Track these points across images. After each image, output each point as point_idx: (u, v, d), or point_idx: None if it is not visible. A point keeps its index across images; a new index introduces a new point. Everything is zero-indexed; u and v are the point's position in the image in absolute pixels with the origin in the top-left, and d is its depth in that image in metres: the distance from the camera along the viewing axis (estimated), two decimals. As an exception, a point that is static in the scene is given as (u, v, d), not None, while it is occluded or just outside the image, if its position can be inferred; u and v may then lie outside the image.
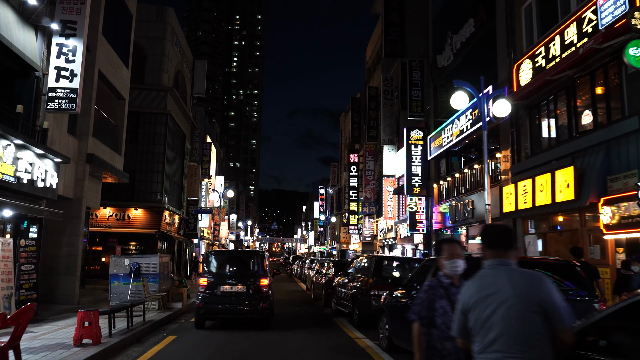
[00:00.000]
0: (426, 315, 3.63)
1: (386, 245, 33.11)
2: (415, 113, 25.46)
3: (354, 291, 11.88)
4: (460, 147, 21.90)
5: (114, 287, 13.25)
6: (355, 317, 11.67)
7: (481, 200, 18.42)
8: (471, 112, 18.89)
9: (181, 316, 13.35)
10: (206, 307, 11.19)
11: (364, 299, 11.19)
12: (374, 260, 11.47)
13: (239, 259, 12.96)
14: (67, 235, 16.03)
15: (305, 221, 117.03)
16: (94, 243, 25.46)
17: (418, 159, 24.74)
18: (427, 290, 3.68)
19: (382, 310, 8.89)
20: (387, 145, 30.94)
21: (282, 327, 11.72)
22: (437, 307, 3.59)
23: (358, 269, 12.82)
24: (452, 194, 21.84)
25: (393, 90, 31.48)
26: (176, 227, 30.04)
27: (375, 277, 11.12)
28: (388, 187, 30.54)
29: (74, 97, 13.21)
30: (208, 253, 12.80)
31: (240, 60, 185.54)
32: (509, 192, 14.85)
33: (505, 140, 16.77)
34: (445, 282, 3.68)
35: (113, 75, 18.66)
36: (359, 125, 43.30)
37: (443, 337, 3.53)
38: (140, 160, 26.39)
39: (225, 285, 11.44)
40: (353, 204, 42.48)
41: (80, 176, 16.41)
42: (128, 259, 13.34)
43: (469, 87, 10.92)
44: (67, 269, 15.79)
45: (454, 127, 20.72)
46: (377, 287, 10.92)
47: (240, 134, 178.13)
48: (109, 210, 25.31)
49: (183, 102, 30.40)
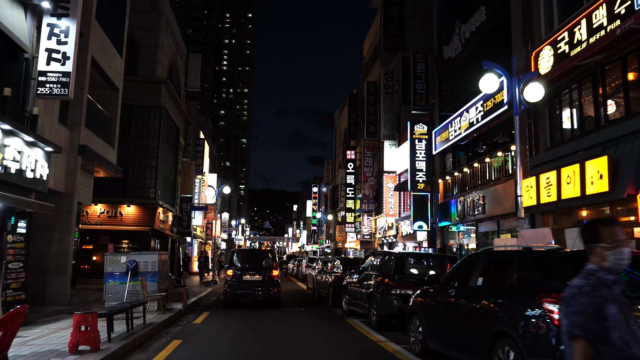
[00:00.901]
0: (593, 329, 2.58)
1: (385, 244, 32.29)
2: (419, 106, 24.67)
3: (371, 290, 11.01)
4: (467, 142, 21.14)
5: (110, 286, 12.28)
6: (374, 319, 10.80)
7: (493, 195, 17.66)
8: (482, 103, 18.12)
9: (182, 318, 12.41)
10: (232, 292, 15.01)
11: (384, 299, 10.32)
12: (396, 257, 10.61)
13: (256, 256, 16.77)
14: (58, 231, 15.04)
15: (297, 220, 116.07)
16: (84, 241, 24.35)
17: (422, 153, 23.95)
18: (590, 293, 2.62)
19: (413, 311, 8.02)
20: (388, 140, 30.12)
21: (296, 330, 10.83)
22: (607, 315, 2.57)
23: (374, 266, 11.94)
24: (460, 189, 21.05)
25: (394, 84, 30.67)
26: (170, 225, 29.02)
27: (398, 275, 10.25)
28: (389, 183, 29.72)
29: (66, 81, 12.22)
30: (233, 250, 17.02)
31: (231, 59, 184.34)
32: (529, 186, 14.06)
33: (521, 132, 15.96)
34: (609, 280, 2.66)
35: (106, 63, 17.66)
36: (355, 121, 42.46)
37: (622, 358, 2.55)
38: (133, 155, 25.35)
39: (247, 275, 15.31)
40: (350, 202, 41.63)
41: (71, 169, 15.41)
42: (124, 257, 12.37)
43: (499, 69, 10.09)
44: (58, 267, 14.80)
45: (463, 120, 19.93)
46: (400, 285, 10.07)
47: (231, 133, 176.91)
48: (100, 207, 24.26)
49: (177, 96, 29.37)
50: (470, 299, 6.36)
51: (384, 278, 10.80)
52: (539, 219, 14.43)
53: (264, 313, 13.58)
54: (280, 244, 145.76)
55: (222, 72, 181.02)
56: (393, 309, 10.02)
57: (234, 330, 10.49)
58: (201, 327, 10.79)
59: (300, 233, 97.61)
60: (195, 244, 42.18)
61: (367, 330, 10.57)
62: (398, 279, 10.13)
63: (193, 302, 15.44)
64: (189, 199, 33.46)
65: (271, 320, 12.13)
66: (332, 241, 55.21)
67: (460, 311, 6.51)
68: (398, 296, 10.00)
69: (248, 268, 15.60)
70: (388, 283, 10.37)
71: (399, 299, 9.97)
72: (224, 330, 10.35)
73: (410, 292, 10.08)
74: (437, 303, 7.21)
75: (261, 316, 12.95)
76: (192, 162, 34.86)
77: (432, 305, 7.37)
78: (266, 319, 12.45)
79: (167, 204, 27.74)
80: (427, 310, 7.46)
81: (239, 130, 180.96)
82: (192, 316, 12.68)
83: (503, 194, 16.90)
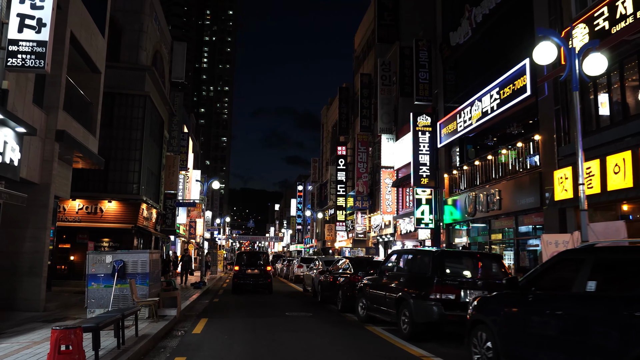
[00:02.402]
0: None
1: (381, 242, 30.88)
2: (422, 97, 23.30)
3: (401, 294, 9.50)
4: (475, 135, 19.83)
5: (93, 290, 10.56)
6: (405, 327, 9.29)
7: (512, 189, 16.32)
8: (498, 90, 16.78)
9: (178, 326, 10.74)
10: (238, 281, 20.86)
11: (420, 305, 8.82)
12: (433, 256, 9.09)
13: (254, 256, 22.57)
14: (32, 227, 13.26)
15: (280, 219, 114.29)
16: (61, 239, 22.43)
17: (426, 147, 22.56)
18: None
19: (476, 322, 6.54)
20: (385, 134, 28.70)
21: (315, 342, 9.26)
22: None
23: (401, 267, 10.42)
24: (471, 184, 19.68)
25: (391, 76, 29.27)
26: (153, 222, 27.17)
27: (438, 276, 8.74)
28: (386, 179, 28.29)
29: (41, 52, 10.47)
30: (239, 253, 23.23)
31: (211, 56, 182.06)
32: (563, 177, 12.71)
33: (547, 120, 14.65)
34: None
35: (87, 42, 15.89)
36: (346, 116, 41.02)
37: None
38: (115, 147, 23.48)
39: (248, 269, 21.15)
40: (341, 199, 40.15)
41: (47, 157, 13.63)
42: (110, 256, 10.67)
43: (555, 37, 8.66)
44: (31, 268, 13.02)
45: (474, 110, 18.58)
46: (441, 289, 8.58)
47: (211, 131, 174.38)
48: (78, 203, 22.35)
49: (162, 85, 27.54)
50: (583, 309, 4.90)
51: (417, 280, 9.31)
52: (571, 214, 13.08)
53: (271, 320, 11.98)
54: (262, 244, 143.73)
55: (202, 70, 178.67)
56: (432, 317, 8.53)
57: (242, 342, 8.90)
58: (203, 338, 9.16)
59: (284, 232, 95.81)
60: (178, 243, 40.28)
61: (398, 341, 9.07)
62: (438, 282, 8.63)
63: (185, 307, 13.77)
64: (173, 195, 31.62)
65: (282, 328, 10.55)
66: (319, 240, 53.66)
67: (567, 326, 5.05)
68: (438, 301, 8.51)
69: (249, 265, 21.59)
70: (425, 286, 8.87)
71: (439, 305, 8.48)
72: (230, 343, 8.73)
73: (452, 297, 8.62)
74: (521, 314, 5.73)
75: (269, 323, 11.36)
76: (176, 156, 33.03)
77: (511, 315, 5.89)
78: (275, 326, 10.86)
79: (151, 199, 25.92)
80: (502, 322, 5.98)
81: (219, 129, 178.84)
82: (189, 324, 11.03)
83: (524, 188, 15.57)
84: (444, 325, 8.62)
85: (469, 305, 6.91)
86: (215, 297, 18.61)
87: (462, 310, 8.48)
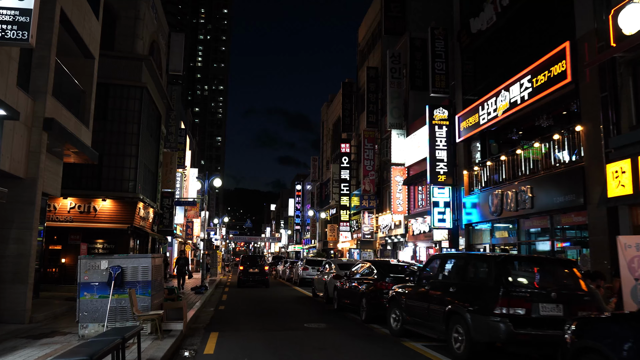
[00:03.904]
0: None
1: (389, 244, 29.41)
2: (438, 89, 21.85)
3: (452, 307, 8.00)
4: (497, 128, 18.44)
5: (85, 302, 9.02)
6: (458, 346, 7.81)
7: (545, 186, 14.90)
8: (530, 78, 15.36)
9: (186, 344, 9.20)
10: (243, 278, 26.57)
11: (480, 321, 7.34)
12: (497, 262, 7.59)
13: (255, 258, 29.03)
14: (16, 228, 11.69)
15: (276, 219, 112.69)
16: (51, 241, 20.91)
17: (443, 141, 21.14)
18: None
19: (583, 350, 5.04)
20: (396, 129, 27.22)
21: None
22: None
23: (446, 274, 8.93)
24: (496, 181, 18.24)
25: (401, 68, 27.82)
26: (150, 222, 25.61)
27: (503, 286, 7.26)
28: (397, 176, 26.82)
29: (25, 22, 8.91)
30: (243, 256, 29.28)
31: (205, 55, 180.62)
32: (619, 171, 11.28)
33: (591, 109, 13.22)
34: None
35: (80, 23, 14.34)
36: (350, 112, 39.54)
37: None
38: (109, 141, 21.89)
39: (250, 269, 26.75)
40: (344, 199, 38.61)
41: (34, 148, 12.08)
42: (106, 262, 9.12)
43: None
44: (15, 274, 11.47)
45: (500, 100, 17.17)
46: (508, 302, 7.09)
47: (205, 131, 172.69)
48: (70, 201, 20.76)
49: (159, 76, 25.97)
50: None
51: (474, 290, 7.82)
52: (625, 212, 11.64)
53: (291, 335, 10.44)
54: (258, 244, 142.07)
55: (196, 69, 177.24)
56: (498, 336, 7.04)
57: None
58: (217, 361, 7.64)
59: (282, 233, 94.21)
60: (175, 244, 38.66)
61: (448, 362, 7.61)
62: (505, 293, 7.15)
63: (190, 319, 12.24)
64: (171, 194, 30.03)
65: (308, 347, 9.00)
66: (319, 241, 52.16)
67: None
68: (505, 317, 7.03)
69: (251, 265, 27.17)
70: (486, 298, 7.40)
71: (506, 322, 7.00)
72: None
73: (522, 312, 7.13)
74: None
75: (289, 339, 9.83)
76: (174, 153, 31.40)
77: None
78: (299, 344, 9.31)
79: (148, 198, 24.33)
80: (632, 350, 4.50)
81: (213, 128, 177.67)
82: (198, 341, 9.50)
83: (561, 184, 14.14)
84: (512, 345, 7.15)
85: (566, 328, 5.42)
86: (220, 303, 17.08)
87: (534, 328, 7.02)
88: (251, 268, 26.74)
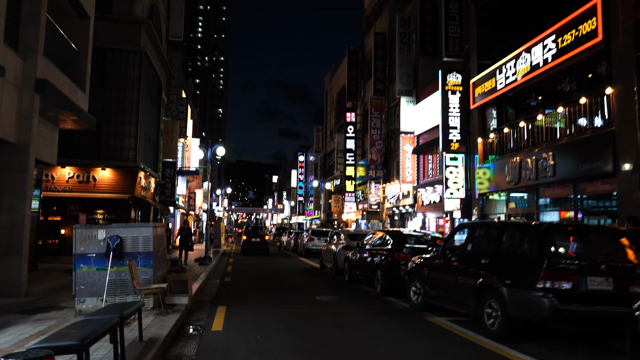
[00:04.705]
0: None
1: (397, 214, 28.73)
2: (452, 53, 20.85)
3: (485, 280, 7.21)
4: (514, 94, 17.55)
5: (82, 274, 8.33)
6: (490, 323, 7.10)
7: (569, 153, 14.09)
8: (555, 38, 14.39)
9: (192, 319, 8.53)
10: (247, 247, 29.23)
11: (519, 296, 6.58)
12: (538, 231, 6.65)
13: (257, 228, 32.04)
14: (8, 196, 10.96)
15: (279, 191, 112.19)
16: (50, 211, 20.26)
17: (456, 108, 20.23)
18: None
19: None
20: (405, 97, 26.26)
21: (376, 344, 7.09)
22: None
23: (477, 244, 8.13)
24: (511, 148, 17.41)
25: (410, 33, 26.70)
26: (152, 193, 24.89)
27: (548, 258, 6.44)
28: (406, 145, 25.97)
29: (9, -34, 8.02)
30: (246, 227, 33.54)
31: (206, 26, 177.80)
32: (657, 134, 10.43)
33: (624, 70, 12.31)
34: None
35: (73, -23, 13.34)
36: (356, 80, 38.42)
37: None
38: (108, 109, 21.01)
39: (252, 238, 29.54)
40: (350, 169, 37.80)
41: (26, 111, 11.26)
42: (104, 231, 8.39)
43: None
44: (9, 246, 10.79)
45: (521, 63, 16.22)
46: (553, 275, 6.32)
47: (206, 103, 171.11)
48: (69, 171, 20.01)
49: (159, 41, 24.92)
50: None
51: (512, 262, 7.07)
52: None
53: (303, 309, 9.72)
54: (260, 216, 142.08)
55: (196, 40, 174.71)
56: (542, 312, 6.30)
57: (283, 346, 6.65)
58: (229, 341, 6.92)
59: (284, 204, 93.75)
60: (177, 215, 38.06)
61: (486, 342, 6.91)
62: (550, 265, 6.41)
63: (195, 291, 11.59)
64: (172, 164, 29.22)
65: (324, 323, 8.24)
66: (323, 212, 51.55)
67: None
68: (548, 292, 6.30)
69: (253, 235, 30.02)
70: (527, 270, 6.66)
71: (550, 297, 6.28)
72: (268, 350, 6.49)
73: (569, 286, 6.40)
74: None
75: (303, 314, 9.12)
76: (175, 122, 30.51)
77: None
78: (314, 319, 8.58)
79: (149, 167, 23.55)
80: None
81: (214, 100, 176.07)
82: (204, 316, 8.83)
83: (588, 151, 13.32)
84: (555, 323, 6.44)
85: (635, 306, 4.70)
86: (226, 275, 16.47)
87: (582, 304, 6.29)
88: (253, 238, 29.74)
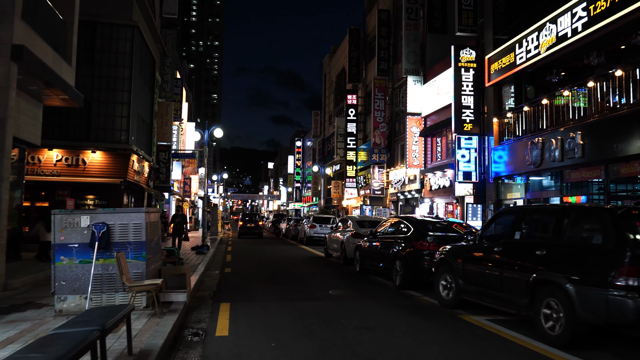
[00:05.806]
0: None
1: (402, 200, 27.57)
2: (465, 27, 19.59)
3: (536, 276, 6.07)
4: (534, 70, 16.34)
5: (63, 268, 7.11)
6: (550, 326, 5.97)
7: (599, 132, 12.91)
8: (586, 5, 13.13)
9: (191, 321, 7.32)
10: (243, 231, 33.89)
11: (593, 296, 5.43)
12: (614, 217, 5.44)
13: (252, 215, 36.18)
14: (-19, 178, 9.70)
15: (275, 177, 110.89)
16: (38, 197, 19.01)
17: (470, 86, 18.99)
18: None
19: None
20: (412, 75, 24.97)
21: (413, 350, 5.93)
22: None
23: (525, 233, 6.96)
24: (532, 128, 16.22)
25: (417, 9, 25.34)
26: (145, 177, 23.62)
27: (632, 250, 5.28)
28: (413, 127, 24.74)
29: None
30: (243, 214, 39.13)
31: (200, 9, 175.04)
32: None
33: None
34: None
35: None
36: (357, 61, 37.04)
37: None
38: (98, 87, 19.68)
39: (248, 224, 34.37)
40: (351, 153, 36.56)
41: (1, 82, 9.97)
42: (87, 217, 7.16)
43: None
44: (-18, 234, 9.55)
45: (545, 35, 14.96)
46: (637, 271, 5.18)
47: (201, 88, 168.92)
48: (56, 153, 18.71)
49: (152, 17, 23.49)
50: None
51: (579, 255, 5.90)
52: None
53: (318, 305, 8.51)
54: (256, 202, 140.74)
55: (190, 24, 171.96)
56: (624, 315, 5.12)
57: (305, 356, 5.51)
58: (238, 349, 5.70)
59: (280, 191, 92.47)
60: (172, 202, 36.81)
61: (548, 350, 5.75)
62: (633, 258, 5.23)
63: (201, 282, 10.44)
64: (167, 147, 27.92)
65: (347, 323, 7.10)
66: (322, 198, 50.40)
67: None
68: (632, 290, 5.16)
69: (249, 221, 34.40)
70: (600, 265, 5.50)
71: (636, 297, 5.13)
72: None
73: (654, 283, 5.23)
74: None
75: (319, 312, 7.89)
76: (169, 104, 29.12)
77: None
78: (333, 319, 7.36)
79: (142, 150, 22.26)
80: None
81: (209, 85, 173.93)
82: (206, 315, 7.63)
83: (622, 129, 12.15)
84: (636, 328, 5.30)
85: None
86: (225, 265, 15.27)
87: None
88: (249, 223, 34.14)
